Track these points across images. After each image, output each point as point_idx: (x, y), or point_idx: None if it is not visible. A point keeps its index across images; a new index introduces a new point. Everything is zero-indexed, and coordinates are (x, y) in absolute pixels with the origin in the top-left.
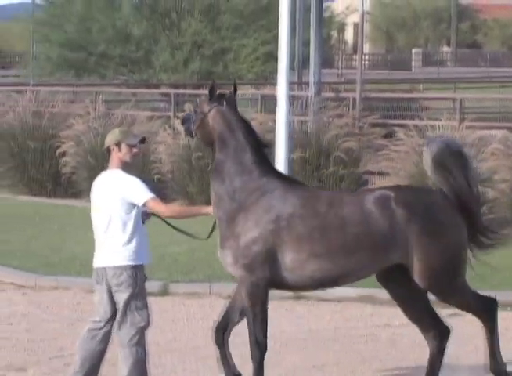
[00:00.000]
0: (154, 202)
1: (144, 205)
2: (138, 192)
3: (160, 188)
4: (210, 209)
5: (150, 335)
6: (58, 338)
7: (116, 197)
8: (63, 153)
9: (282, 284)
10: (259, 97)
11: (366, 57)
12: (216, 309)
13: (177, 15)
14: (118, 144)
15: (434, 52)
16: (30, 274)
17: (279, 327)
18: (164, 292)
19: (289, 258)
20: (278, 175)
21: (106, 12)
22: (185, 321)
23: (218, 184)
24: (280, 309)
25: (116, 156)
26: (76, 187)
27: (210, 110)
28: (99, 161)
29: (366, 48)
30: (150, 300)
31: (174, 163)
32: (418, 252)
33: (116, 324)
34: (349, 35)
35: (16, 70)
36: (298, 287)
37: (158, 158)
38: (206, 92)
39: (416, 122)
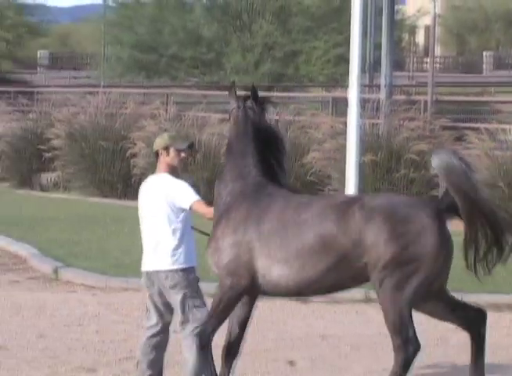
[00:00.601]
0: (198, 204)
1: (190, 208)
2: (185, 195)
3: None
4: None
5: (219, 338)
6: (128, 340)
7: (164, 201)
8: (134, 155)
9: (260, 290)
10: (330, 99)
11: (437, 60)
12: (287, 311)
13: (248, 17)
14: (167, 148)
15: (505, 55)
16: (100, 276)
17: (350, 329)
18: None
19: (260, 264)
20: (269, 181)
21: (177, 14)
22: (255, 324)
23: (217, 185)
24: (351, 312)
25: (164, 160)
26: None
27: (230, 114)
28: None
29: (437, 50)
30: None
31: None
32: (374, 261)
33: (178, 325)
34: (420, 38)
35: (87, 71)
36: (274, 294)
37: None
38: (277, 94)
39: (488, 125)
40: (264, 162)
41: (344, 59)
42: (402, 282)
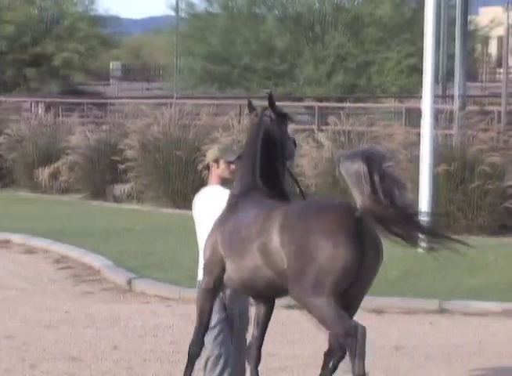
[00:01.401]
0: None
1: None
2: None
3: None
4: None
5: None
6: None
7: (215, 212)
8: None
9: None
10: (403, 110)
11: (511, 70)
12: (361, 322)
13: (321, 28)
14: (217, 161)
15: None
16: (174, 286)
17: (424, 340)
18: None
19: (227, 266)
20: (260, 186)
21: (249, 25)
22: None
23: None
24: (425, 323)
25: (215, 172)
26: None
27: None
28: None
29: (511, 61)
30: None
31: (318, 176)
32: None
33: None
34: (493, 48)
35: (159, 83)
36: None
37: (302, 171)
38: (350, 105)
39: None
40: (263, 167)
41: (417, 70)
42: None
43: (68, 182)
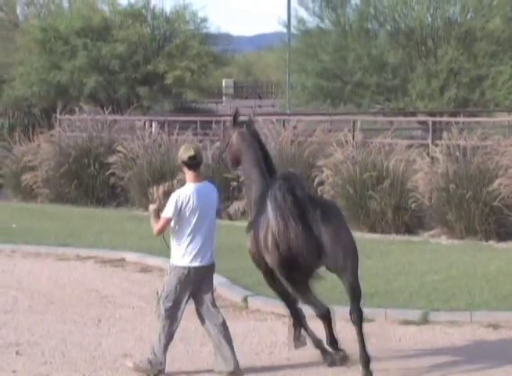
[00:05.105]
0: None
1: None
2: None
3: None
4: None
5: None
6: (319, 366)
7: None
8: (321, 183)
9: None
10: None
11: None
12: (477, 337)
13: (433, 42)
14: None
15: None
16: None
17: None
18: (424, 321)
19: None
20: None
21: (361, 41)
22: (446, 350)
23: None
24: None
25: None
26: None
27: (233, 133)
28: (357, 191)
29: None
30: (411, 329)
31: (433, 191)
32: None
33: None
34: None
35: (271, 99)
36: None
37: (416, 186)
38: (463, 119)
39: None
40: (267, 171)
41: None
42: None
43: None
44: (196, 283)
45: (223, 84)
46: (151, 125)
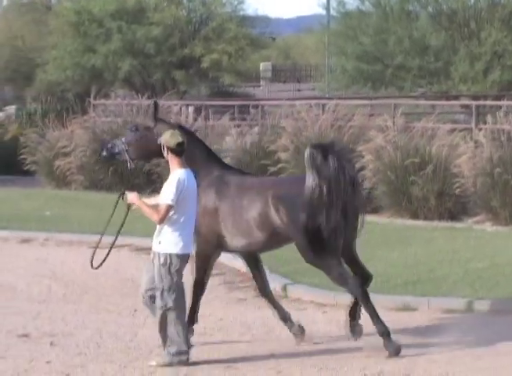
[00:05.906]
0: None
1: None
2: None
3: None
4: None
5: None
6: (358, 357)
7: None
8: (362, 168)
9: None
10: None
11: None
12: None
13: (476, 24)
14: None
15: None
16: (328, 292)
17: None
18: (469, 309)
19: None
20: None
21: (402, 24)
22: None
23: None
24: None
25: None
26: (375, 202)
27: (155, 125)
28: (398, 176)
29: None
30: (455, 317)
31: (477, 176)
32: None
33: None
34: None
35: (310, 83)
36: None
37: (459, 172)
38: (507, 102)
39: None
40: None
41: None
42: None
43: None
44: None
45: (261, 67)
46: (187, 110)
